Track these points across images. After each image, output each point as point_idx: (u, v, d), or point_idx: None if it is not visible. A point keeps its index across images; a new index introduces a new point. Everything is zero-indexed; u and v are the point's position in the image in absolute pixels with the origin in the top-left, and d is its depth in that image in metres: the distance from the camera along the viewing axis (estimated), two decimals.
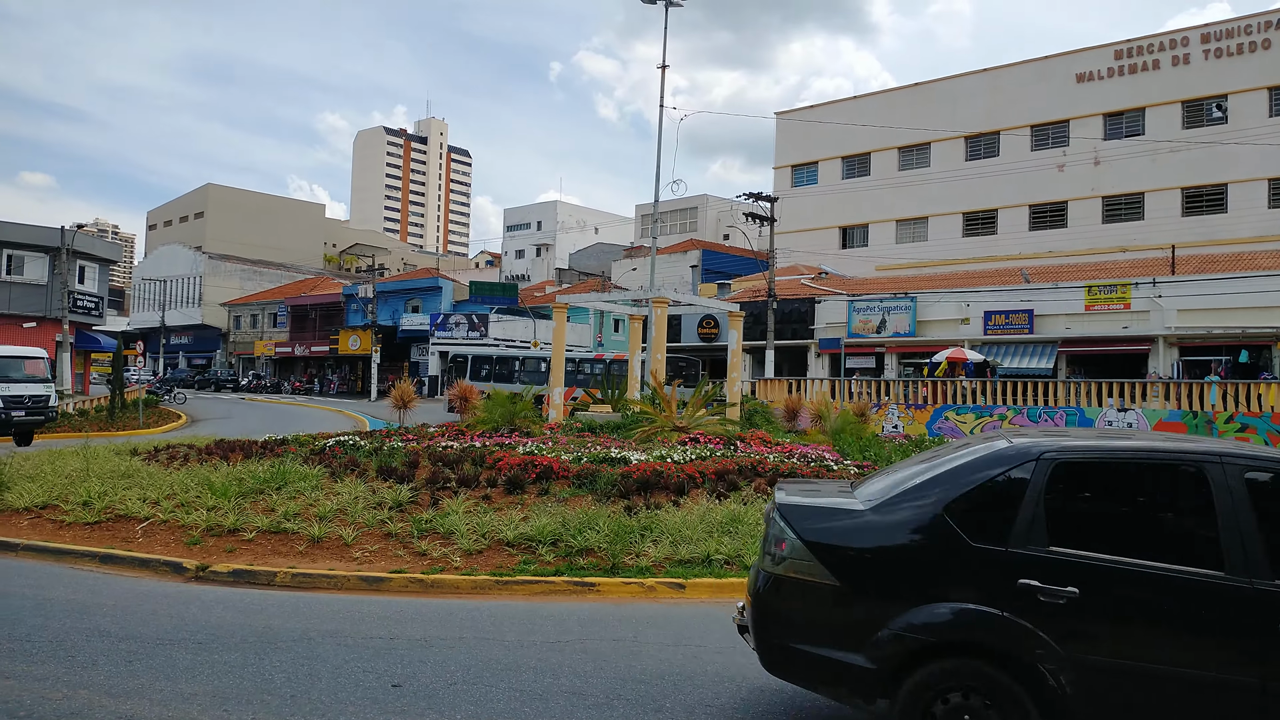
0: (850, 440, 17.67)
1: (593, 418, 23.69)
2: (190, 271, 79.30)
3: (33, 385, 28.84)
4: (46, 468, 13.19)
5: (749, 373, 41.81)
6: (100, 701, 5.09)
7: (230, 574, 8.99)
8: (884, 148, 55.80)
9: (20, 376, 28.86)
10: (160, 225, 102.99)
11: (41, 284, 44.40)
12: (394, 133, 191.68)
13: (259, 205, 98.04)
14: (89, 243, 49.11)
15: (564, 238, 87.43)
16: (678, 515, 10.07)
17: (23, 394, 28.44)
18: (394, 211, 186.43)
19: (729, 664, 6.28)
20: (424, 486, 11.47)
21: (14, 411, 28.03)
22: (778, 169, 61.59)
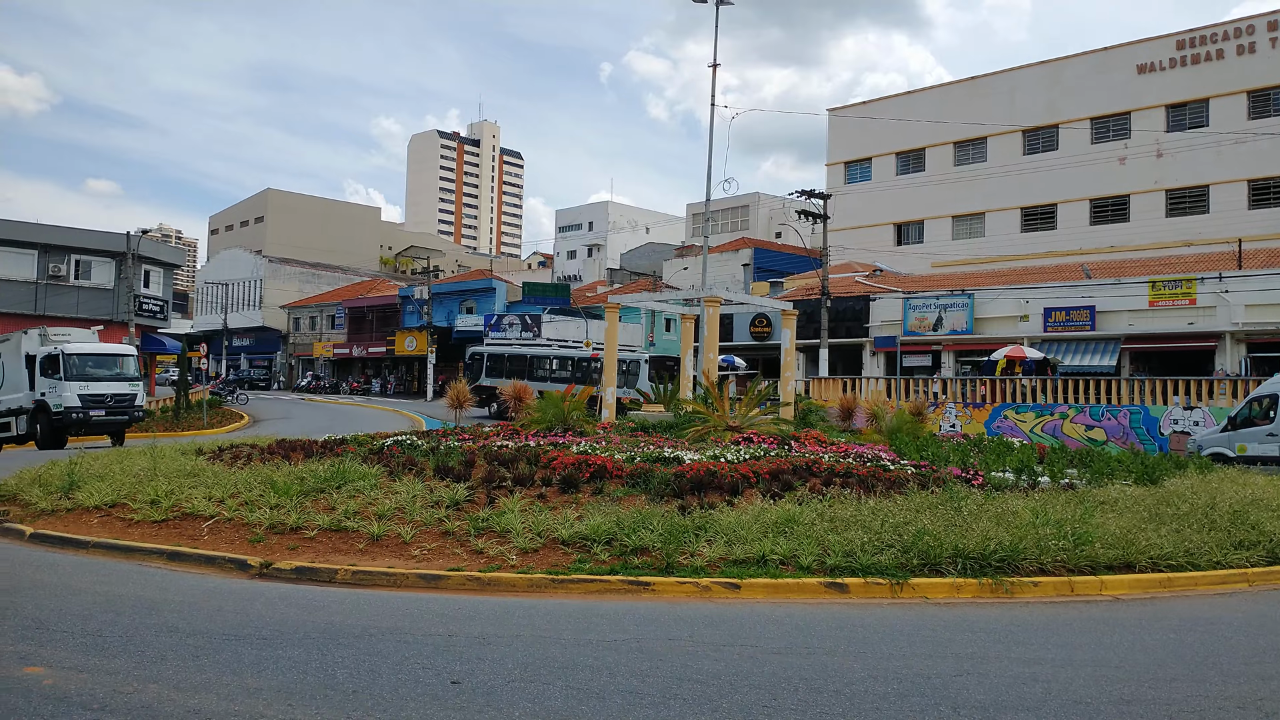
0: (907, 440, 17.44)
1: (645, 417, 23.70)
2: (251, 275, 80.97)
3: (116, 384, 27.61)
4: (115, 467, 13.55)
5: (803, 371, 41.53)
6: (170, 696, 5.21)
7: (293, 571, 9.16)
8: (939, 143, 55.05)
9: (102, 375, 27.60)
10: (222, 230, 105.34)
11: (108, 288, 45.66)
12: (447, 136, 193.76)
13: (317, 209, 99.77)
14: (153, 248, 50.39)
15: (615, 238, 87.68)
16: (732, 515, 10.03)
17: (103, 393, 27.16)
18: (448, 214, 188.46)
19: (786, 665, 6.24)
20: (480, 485, 11.57)
21: (92, 411, 26.84)
22: (830, 166, 61.10)
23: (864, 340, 42.09)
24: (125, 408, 27.64)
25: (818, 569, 8.91)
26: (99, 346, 28.96)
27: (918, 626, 7.56)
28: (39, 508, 12.12)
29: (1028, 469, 13.55)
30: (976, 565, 9.01)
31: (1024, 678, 6.17)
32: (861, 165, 59.61)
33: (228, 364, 75.31)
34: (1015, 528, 9.64)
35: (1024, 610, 8.34)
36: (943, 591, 8.75)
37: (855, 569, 8.87)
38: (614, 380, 24.57)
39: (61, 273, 44.38)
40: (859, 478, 11.62)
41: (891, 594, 8.63)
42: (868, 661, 6.41)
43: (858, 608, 8.24)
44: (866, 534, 9.39)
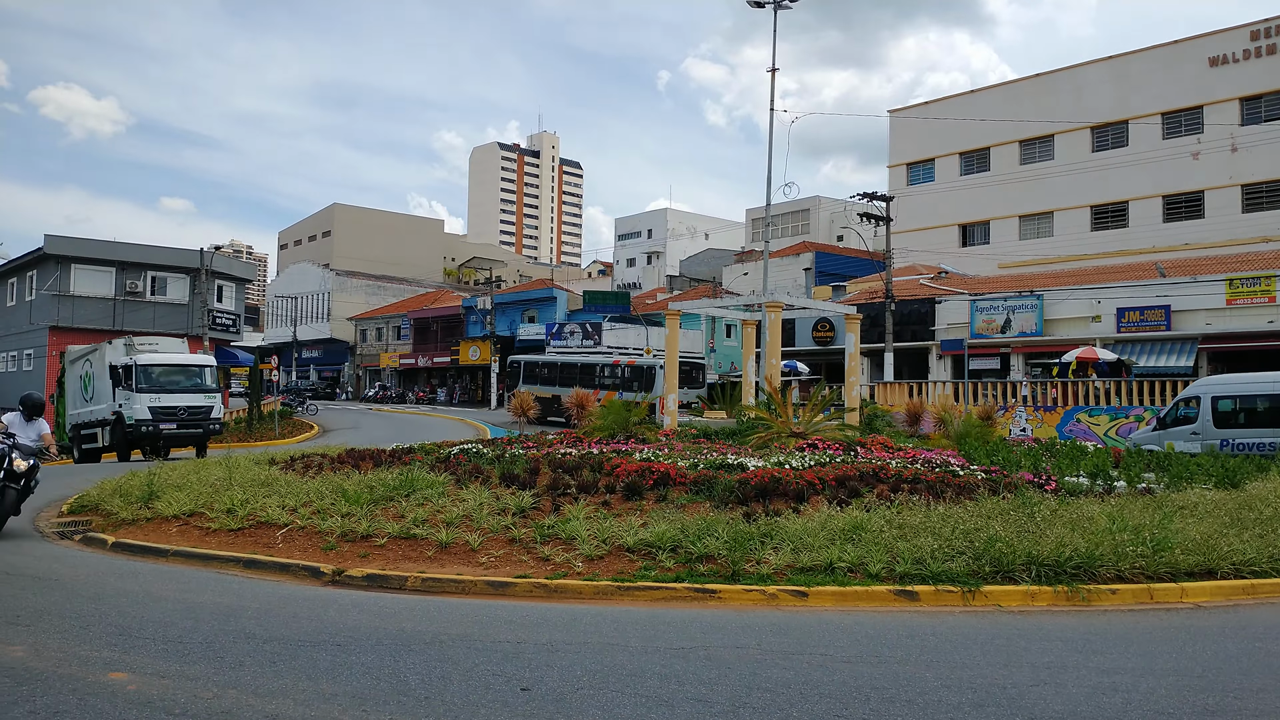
0: (976, 445, 17.13)
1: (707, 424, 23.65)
2: (319, 288, 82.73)
3: (191, 396, 26.61)
4: (192, 477, 13.93)
5: (867, 376, 41.06)
6: (248, 701, 5.33)
7: (364, 578, 9.32)
8: (1004, 141, 54.08)
9: (176, 386, 26.64)
10: (290, 244, 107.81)
11: (183, 303, 47.02)
12: (507, 148, 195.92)
13: (382, 223, 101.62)
14: (226, 263, 51.78)
15: (674, 245, 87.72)
16: (798, 522, 9.95)
17: (175, 405, 26.18)
18: (509, 224, 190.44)
19: (857, 674, 6.16)
20: (545, 493, 11.65)
21: (163, 424, 25.99)
22: (892, 168, 60.40)
23: (930, 344, 41.45)
24: (199, 420, 26.65)
25: (887, 576, 8.78)
26: (173, 357, 28.00)
27: (991, 635, 7.41)
28: (120, 517, 12.51)
29: (1103, 473, 13.21)
30: (1051, 572, 8.81)
31: (1103, 688, 6.00)
32: (924, 166, 58.81)
33: (297, 375, 76.98)
34: (1091, 534, 9.41)
35: (1101, 618, 8.13)
36: (1016, 599, 8.56)
37: (925, 576, 8.73)
38: (675, 387, 24.56)
39: (139, 289, 45.82)
40: (927, 483, 11.44)
41: (963, 602, 8.48)
42: (940, 671, 6.29)
43: (929, 616, 8.10)
44: (936, 541, 9.24)
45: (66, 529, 12.66)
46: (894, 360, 38.48)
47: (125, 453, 26.83)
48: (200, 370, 27.65)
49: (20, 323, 47.44)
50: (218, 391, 27.88)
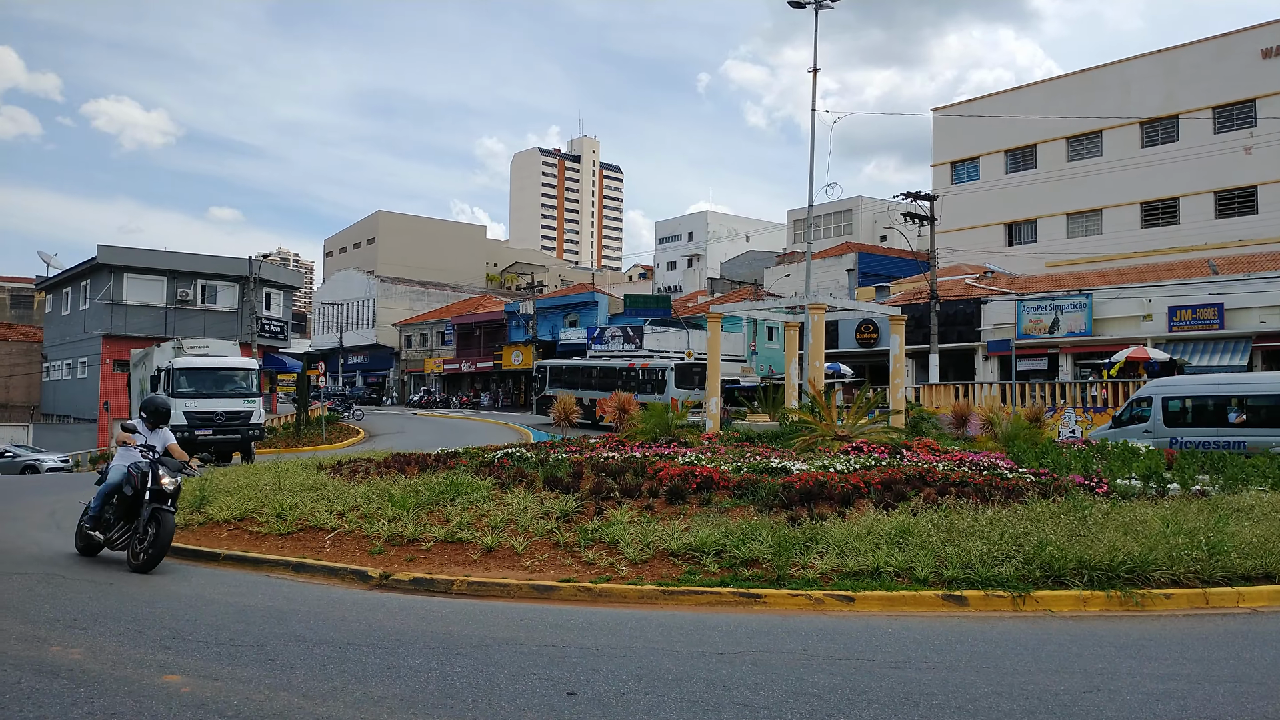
0: (1025, 447, 16.87)
1: (750, 427, 23.56)
2: (364, 294, 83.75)
3: (229, 401, 25.77)
4: (242, 482, 14.16)
5: (912, 378, 40.64)
6: (299, 703, 5.40)
7: (411, 582, 9.40)
8: (1051, 138, 53.25)
9: (216, 390, 25.76)
10: (336, 252, 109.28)
11: (233, 311, 47.85)
12: (548, 153, 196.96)
13: (425, 229, 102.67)
14: (273, 271, 52.62)
15: (715, 247, 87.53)
16: (843, 526, 9.87)
17: (212, 410, 25.34)
18: (550, 229, 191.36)
19: (905, 679, 6.09)
20: (588, 497, 11.68)
21: (198, 430, 24.99)
22: (936, 166, 59.76)
23: (976, 344, 40.93)
24: (237, 426, 25.72)
25: (934, 581, 8.68)
26: (211, 360, 26.98)
27: (1042, 640, 7.29)
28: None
29: (1156, 475, 12.95)
30: (1104, 577, 8.65)
31: (1158, 694, 5.88)
32: (969, 164, 58.12)
33: (343, 381, 77.97)
34: (1144, 537, 9.23)
35: (1156, 623, 7.97)
36: (1068, 604, 8.42)
37: (974, 581, 8.61)
38: (717, 390, 24.49)
39: (189, 297, 46.72)
40: (975, 487, 11.29)
41: (1013, 607, 8.35)
42: (991, 677, 6.21)
43: (978, 621, 7.99)
44: (985, 545, 9.11)
45: None
46: (939, 362, 38.05)
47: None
48: (240, 374, 26.65)
49: (75, 331, 48.60)
50: (258, 396, 26.90)
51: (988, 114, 55.41)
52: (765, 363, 55.52)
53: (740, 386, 45.31)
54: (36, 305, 64.54)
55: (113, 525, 10.10)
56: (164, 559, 9.92)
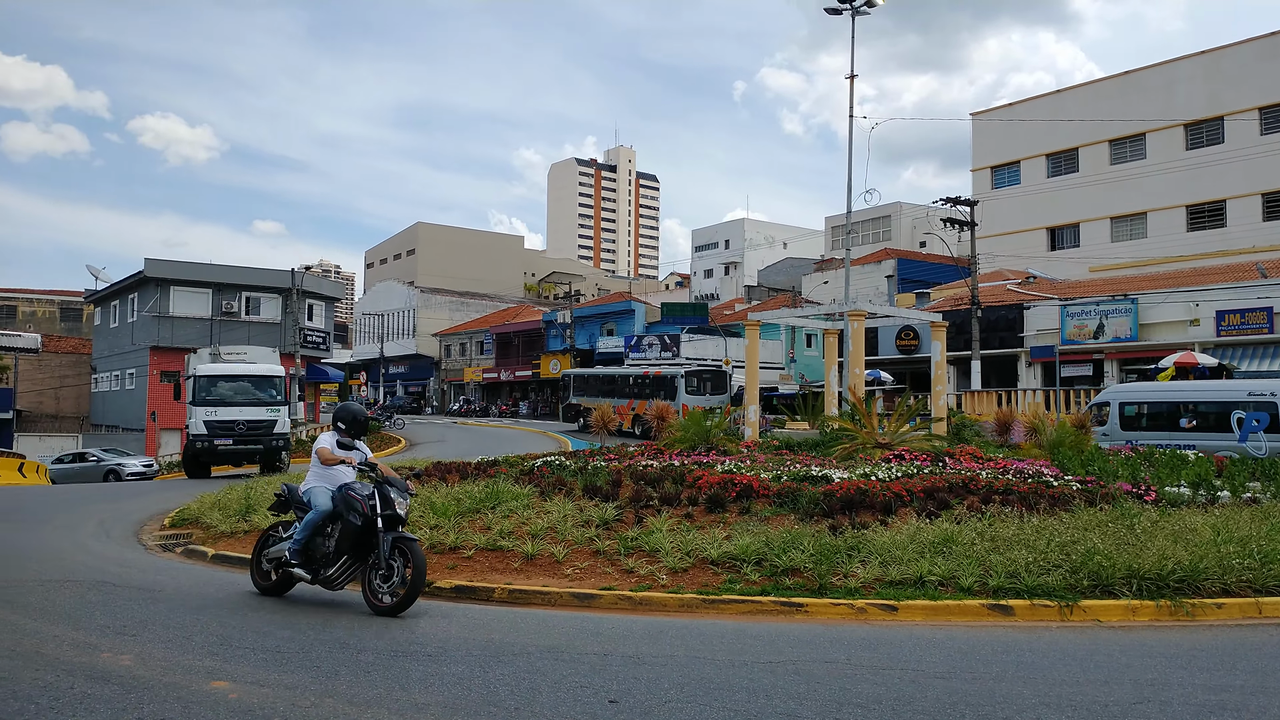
0: (1070, 454, 16.60)
1: (790, 435, 23.43)
2: (404, 305, 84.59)
3: (251, 409, 24.58)
4: None
5: (953, 385, 40.20)
6: (344, 710, 5.44)
7: (453, 590, 9.46)
8: (1093, 141, 52.51)
9: (238, 398, 24.66)
10: (376, 263, 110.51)
11: (276, 322, 48.52)
12: (585, 163, 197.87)
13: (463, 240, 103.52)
14: (316, 283, 53.33)
15: (752, 255, 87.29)
16: (886, 535, 9.78)
17: (233, 419, 24.23)
18: (587, 238, 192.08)
19: (951, 690, 6.01)
20: (628, 505, 11.68)
21: (218, 440, 24.09)
22: (975, 171, 59.18)
23: (1018, 350, 40.40)
24: (259, 436, 24.48)
25: (979, 590, 8.57)
26: (235, 367, 25.89)
27: (1090, 651, 7.17)
28: (219, 530, 12.94)
29: (1205, 483, 12.69)
30: (1153, 586, 8.49)
31: (1210, 706, 5.75)
32: (1009, 169, 57.47)
33: (384, 390, 78.72)
34: (1195, 546, 9.04)
35: (1207, 634, 7.80)
36: (1116, 614, 8.27)
37: (1020, 590, 8.49)
38: (756, 398, 24.39)
39: (234, 309, 47.45)
40: (1020, 494, 11.14)
41: (1060, 616, 8.22)
42: (1038, 687, 6.11)
43: (1024, 631, 7.88)
44: (1031, 554, 8.98)
45: (169, 542, 13.15)
46: (981, 368, 37.60)
47: (191, 469, 25.28)
48: (264, 381, 25.35)
49: (123, 343, 49.54)
50: (283, 404, 25.55)
51: (1028, 118, 54.77)
52: (804, 370, 55.22)
53: (779, 394, 45.13)
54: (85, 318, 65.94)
55: (325, 560, 8.49)
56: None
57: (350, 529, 8.29)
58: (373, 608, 8.13)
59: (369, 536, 8.26)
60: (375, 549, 8.21)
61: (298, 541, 8.56)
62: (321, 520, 8.54)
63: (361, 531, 8.25)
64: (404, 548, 8.10)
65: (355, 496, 8.33)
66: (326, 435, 8.95)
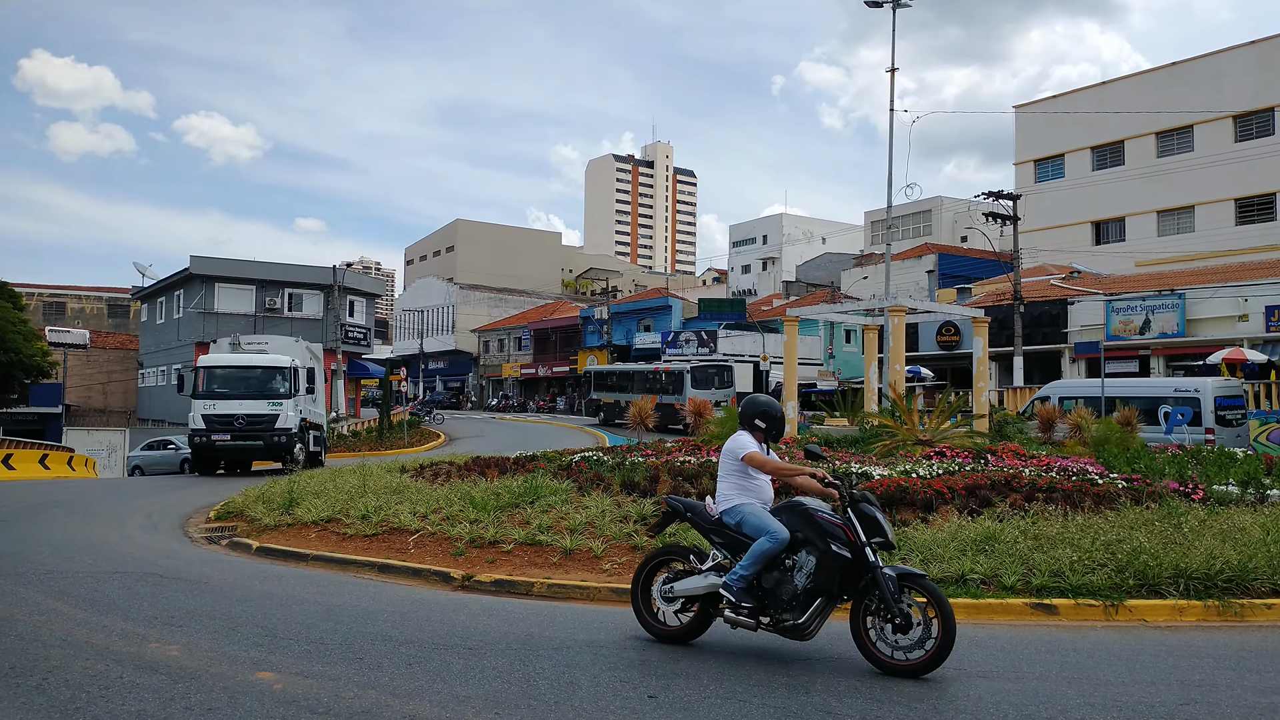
0: (1116, 452, 16.34)
1: (829, 431, 23.30)
2: (444, 301, 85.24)
3: (252, 403, 22.75)
4: (329, 485, 14.51)
5: (995, 381, 39.73)
6: (386, 701, 5.51)
7: (492, 584, 9.52)
8: (1139, 134, 51.58)
9: (239, 391, 22.82)
10: (416, 260, 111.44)
11: (318, 318, 49.11)
12: (622, 159, 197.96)
13: (502, 237, 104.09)
14: (356, 279, 53.91)
15: (790, 250, 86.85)
16: (927, 532, 9.69)
17: (232, 414, 22.51)
18: (624, 234, 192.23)
19: (994, 689, 5.95)
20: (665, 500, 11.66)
21: (215, 436, 22.43)
22: (1018, 165, 58.39)
23: (1062, 346, 39.83)
24: (259, 431, 22.65)
25: (1022, 589, 8.47)
26: (237, 358, 24.11)
27: (1136, 651, 7.06)
28: (263, 523, 13.12)
29: (1255, 481, 12.41)
30: (1201, 586, 8.34)
31: (1260, 708, 5.65)
32: (1053, 162, 56.62)
33: (424, 386, 79.42)
34: (1244, 545, 8.87)
35: (1256, 635, 7.65)
36: (1163, 614, 8.14)
37: (1064, 589, 8.38)
38: (794, 395, 24.28)
39: (277, 305, 48.11)
40: (1064, 492, 10.98)
41: (1105, 616, 8.11)
42: (1083, 688, 6.03)
43: (1068, 630, 7.77)
44: (1075, 552, 8.86)
45: (214, 534, 13.36)
46: (1024, 364, 37.12)
47: (195, 466, 24.13)
48: (268, 373, 23.31)
49: (169, 339, 50.43)
50: (288, 398, 23.24)
51: (1073, 110, 53.91)
52: (842, 366, 54.88)
53: (817, 390, 44.90)
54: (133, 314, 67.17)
55: (793, 602, 6.52)
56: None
57: (835, 562, 6.39)
58: (881, 664, 6.30)
59: (861, 570, 6.41)
60: (866, 588, 6.40)
61: (743, 579, 6.63)
62: (775, 551, 6.59)
63: (851, 565, 6.40)
64: (917, 587, 6.27)
65: (830, 519, 6.53)
66: (743, 436, 7.11)
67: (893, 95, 26.82)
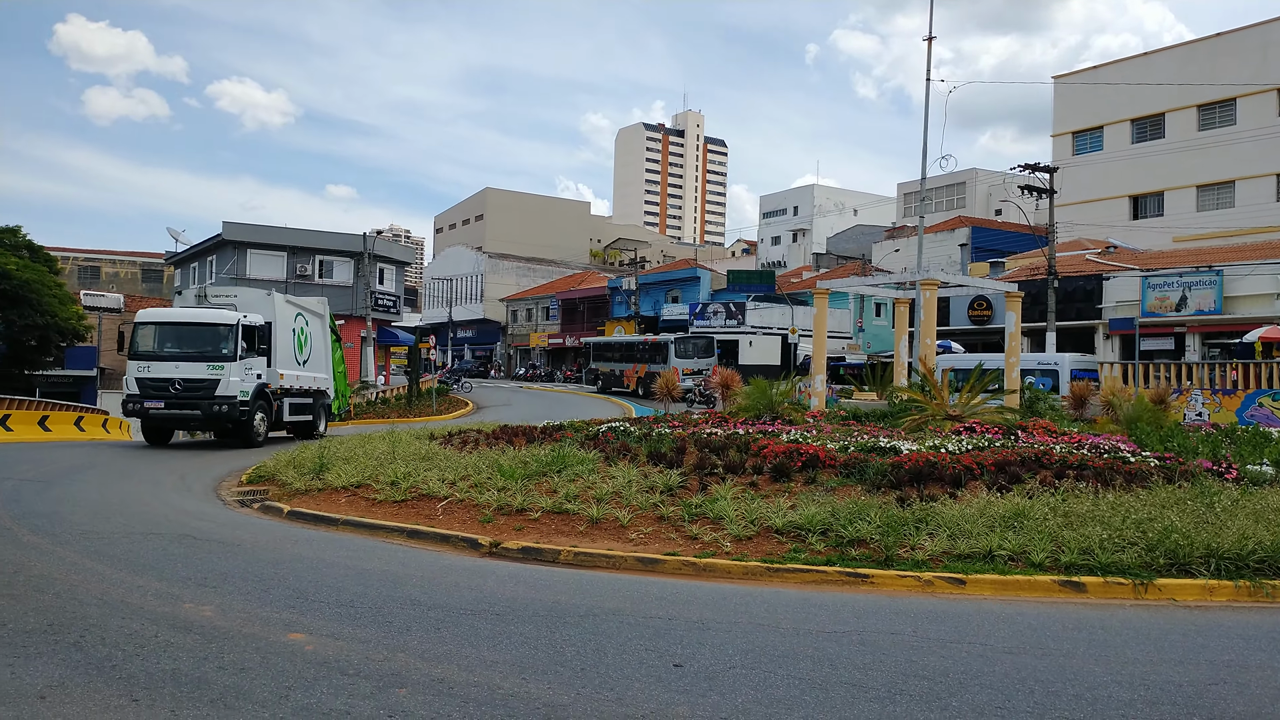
0: (1148, 430, 16.17)
1: (857, 405, 23.19)
2: (473, 270, 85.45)
3: (190, 365, 19.83)
4: (359, 450, 14.67)
5: None
6: (415, 665, 5.59)
7: (519, 551, 9.61)
8: (1180, 107, 50.52)
9: (176, 352, 20.04)
10: (446, 228, 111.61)
11: (348, 285, 49.38)
12: (652, 128, 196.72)
13: (531, 206, 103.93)
14: (387, 247, 54.09)
15: (821, 221, 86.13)
16: (955, 508, 9.65)
17: (167, 377, 19.71)
18: (653, 205, 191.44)
19: (1020, 665, 5.94)
20: (692, 472, 11.70)
21: (149, 403, 19.77)
22: (1056, 137, 57.43)
23: (1096, 322, 39.34)
24: (197, 399, 19.75)
25: (1051, 566, 8.43)
26: (176, 313, 21.31)
27: (1165, 630, 7.01)
28: (294, 487, 13.29)
29: None
30: (1232, 566, 8.26)
31: None
32: (1092, 134, 55.63)
33: (452, 354, 79.84)
34: (1277, 526, 8.76)
35: None
36: (1193, 594, 8.07)
37: (1093, 567, 8.33)
38: (823, 367, 24.16)
39: (307, 272, 48.41)
40: (1095, 470, 10.89)
41: (1134, 595, 8.05)
42: (1110, 665, 6.00)
43: (1097, 608, 7.73)
44: (1105, 530, 8.79)
45: (246, 497, 13.56)
46: (1057, 340, 36.69)
47: (147, 434, 21.44)
48: (209, 330, 20.17)
49: None
50: (232, 360, 20.05)
51: (1113, 81, 52.86)
52: (871, 339, 54.53)
53: (846, 364, 44.68)
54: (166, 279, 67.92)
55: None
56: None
57: None
58: None
59: None
60: None
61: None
62: None
63: None
64: None
65: None
66: None
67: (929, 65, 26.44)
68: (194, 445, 23.07)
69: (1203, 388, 26.87)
